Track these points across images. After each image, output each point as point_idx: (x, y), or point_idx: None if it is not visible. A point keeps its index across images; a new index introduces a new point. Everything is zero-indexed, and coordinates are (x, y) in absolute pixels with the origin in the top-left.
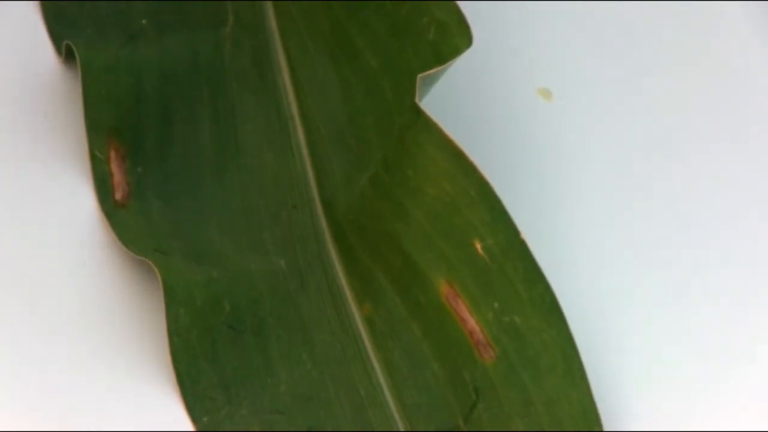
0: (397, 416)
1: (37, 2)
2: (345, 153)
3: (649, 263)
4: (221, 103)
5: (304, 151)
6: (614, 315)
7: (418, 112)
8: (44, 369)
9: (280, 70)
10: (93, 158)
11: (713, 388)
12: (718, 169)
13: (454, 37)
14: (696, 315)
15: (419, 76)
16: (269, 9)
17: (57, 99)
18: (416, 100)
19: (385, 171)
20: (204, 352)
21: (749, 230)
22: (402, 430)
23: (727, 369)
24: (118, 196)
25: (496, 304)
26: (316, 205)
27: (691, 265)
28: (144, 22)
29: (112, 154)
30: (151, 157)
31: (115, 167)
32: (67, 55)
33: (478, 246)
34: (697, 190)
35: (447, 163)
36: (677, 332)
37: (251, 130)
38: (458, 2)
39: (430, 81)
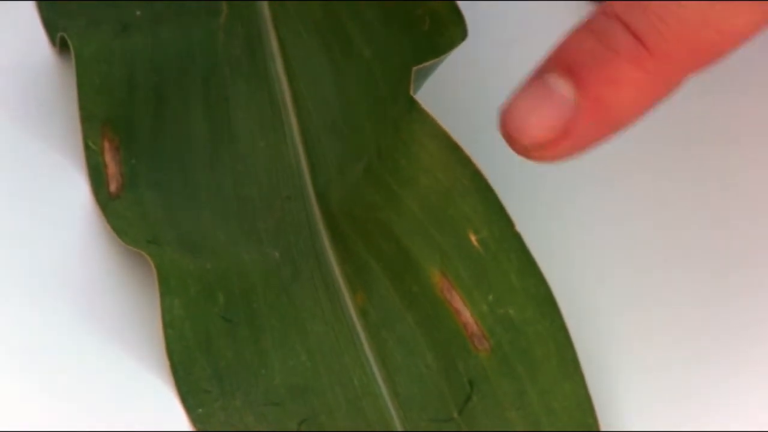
0: (391, 406)
1: None
2: (338, 142)
3: (645, 255)
4: (214, 92)
5: (298, 140)
6: (609, 307)
7: (413, 103)
8: (36, 360)
9: (274, 59)
10: (87, 149)
11: (710, 383)
12: (718, 166)
13: (449, 29)
14: (693, 309)
15: (414, 68)
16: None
17: (51, 89)
18: (411, 91)
19: (379, 161)
20: (198, 344)
21: (749, 229)
22: (396, 420)
23: (725, 367)
24: (112, 187)
25: (490, 296)
26: (310, 195)
27: (688, 258)
28: (138, 12)
29: (106, 144)
30: (145, 147)
31: (109, 158)
32: (61, 45)
33: (473, 237)
34: (697, 185)
35: (441, 153)
36: (673, 326)
37: (244, 118)
38: None
39: (425, 73)
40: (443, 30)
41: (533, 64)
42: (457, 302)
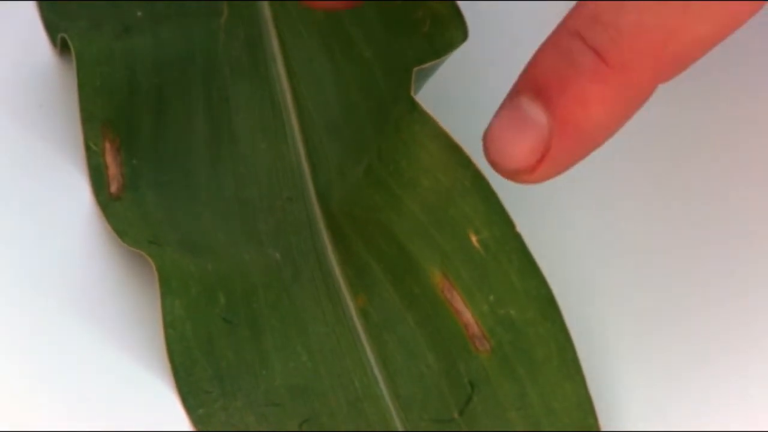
0: (391, 407)
1: None
2: (339, 143)
3: (646, 256)
4: (215, 93)
5: (298, 141)
6: (610, 308)
7: (413, 104)
8: (37, 361)
9: (274, 59)
10: (88, 150)
11: (711, 383)
12: (718, 166)
13: (449, 30)
14: (693, 310)
15: (414, 69)
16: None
17: (52, 90)
18: (411, 92)
19: (380, 161)
20: (199, 344)
21: (750, 230)
22: (397, 421)
23: (725, 367)
24: (113, 188)
25: (491, 297)
26: (311, 196)
27: (689, 259)
28: (139, 13)
29: (107, 145)
30: (146, 148)
31: (110, 159)
32: (62, 46)
33: (473, 238)
34: (697, 185)
35: (442, 154)
36: (674, 327)
37: (245, 119)
38: None
39: (425, 74)
40: (444, 31)
41: None
42: (458, 303)
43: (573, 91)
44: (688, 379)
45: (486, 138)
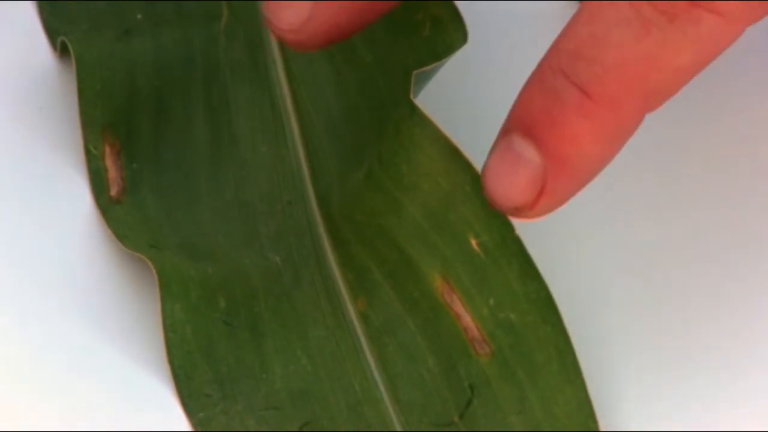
0: (392, 411)
1: None
2: (339, 147)
3: (646, 259)
4: (215, 96)
5: (299, 144)
6: (609, 311)
7: (413, 108)
8: (37, 364)
9: (275, 62)
10: (88, 154)
11: (710, 386)
12: (719, 169)
13: (449, 33)
14: (693, 313)
15: (414, 72)
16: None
17: (52, 94)
18: (411, 96)
19: (380, 165)
20: (199, 348)
21: (749, 231)
22: (397, 424)
23: (726, 371)
24: (113, 191)
25: (491, 300)
26: (311, 200)
27: (689, 261)
28: (139, 16)
29: (107, 149)
30: (146, 152)
31: (109, 163)
32: (62, 50)
33: (473, 242)
34: (698, 189)
35: (442, 158)
36: (674, 330)
37: (245, 123)
38: None
39: (425, 77)
40: (443, 34)
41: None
42: (458, 307)
43: (562, 128)
44: (689, 382)
45: (483, 175)
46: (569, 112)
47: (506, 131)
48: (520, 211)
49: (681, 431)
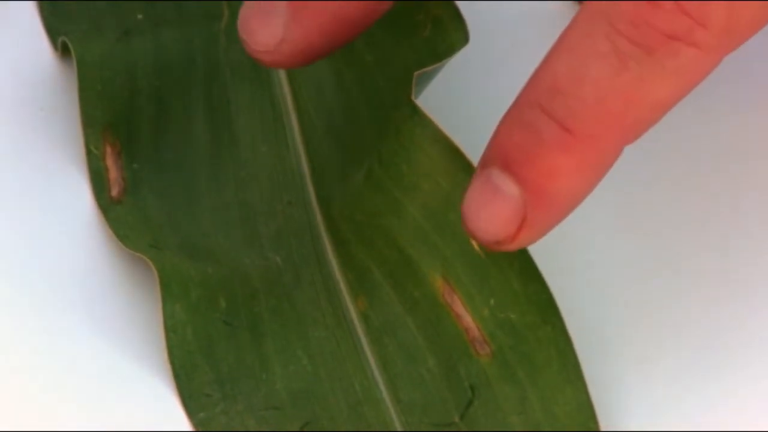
0: (392, 411)
1: None
2: (340, 147)
3: (646, 260)
4: (216, 96)
5: (299, 145)
6: (610, 311)
7: (414, 108)
8: (38, 364)
9: None
10: (88, 154)
11: (711, 386)
12: (719, 172)
13: (450, 34)
14: (693, 313)
15: (415, 73)
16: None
17: (52, 94)
18: (412, 96)
19: (380, 166)
20: (200, 348)
21: (749, 233)
22: (397, 424)
23: (726, 371)
24: (113, 191)
25: (491, 301)
26: (311, 200)
27: (689, 262)
28: (139, 16)
29: (108, 149)
30: (147, 152)
31: (110, 163)
32: (62, 50)
33: (474, 242)
34: (697, 190)
35: (442, 158)
36: (674, 331)
37: (246, 123)
38: None
39: (426, 78)
40: (444, 35)
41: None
42: (459, 307)
43: (540, 163)
44: (689, 383)
45: (462, 211)
46: (548, 147)
47: (485, 164)
48: (501, 244)
49: (681, 431)
